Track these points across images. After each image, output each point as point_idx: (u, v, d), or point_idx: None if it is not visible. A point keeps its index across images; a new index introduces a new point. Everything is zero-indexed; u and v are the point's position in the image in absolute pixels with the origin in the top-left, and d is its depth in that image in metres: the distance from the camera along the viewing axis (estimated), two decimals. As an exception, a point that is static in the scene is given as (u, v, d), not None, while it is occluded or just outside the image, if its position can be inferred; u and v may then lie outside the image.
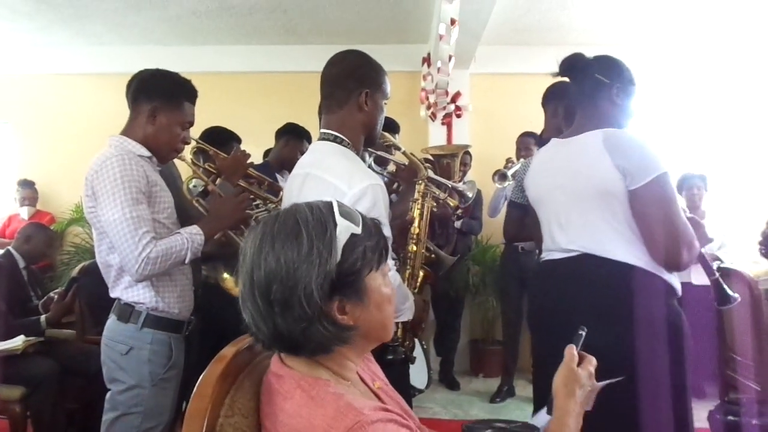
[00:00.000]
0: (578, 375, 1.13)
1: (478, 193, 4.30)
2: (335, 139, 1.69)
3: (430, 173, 2.72)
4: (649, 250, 1.67)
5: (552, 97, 2.54)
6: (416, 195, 2.13)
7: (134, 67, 1.96)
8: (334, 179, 1.56)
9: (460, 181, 3.92)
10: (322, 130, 1.74)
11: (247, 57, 5.13)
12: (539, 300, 1.96)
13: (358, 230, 0.94)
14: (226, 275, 2.44)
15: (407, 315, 1.68)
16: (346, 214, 0.95)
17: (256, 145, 4.29)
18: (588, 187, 1.77)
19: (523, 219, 2.68)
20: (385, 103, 1.78)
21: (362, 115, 1.70)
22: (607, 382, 1.17)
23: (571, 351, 1.16)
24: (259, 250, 0.94)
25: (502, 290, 4.30)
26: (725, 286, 1.88)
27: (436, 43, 3.65)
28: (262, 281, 0.93)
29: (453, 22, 3.01)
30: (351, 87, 1.69)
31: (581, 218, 1.76)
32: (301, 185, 1.66)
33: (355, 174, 1.56)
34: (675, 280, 1.73)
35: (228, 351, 1.06)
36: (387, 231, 1.52)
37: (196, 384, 0.98)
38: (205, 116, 3.08)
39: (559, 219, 1.87)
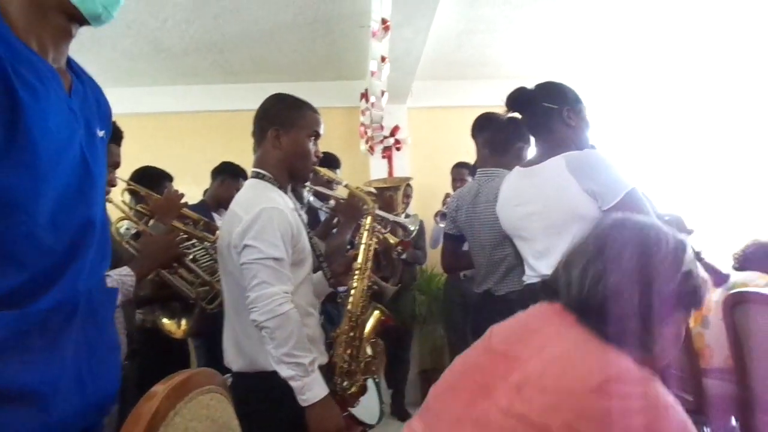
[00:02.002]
0: None
1: (421, 223, 4.37)
2: (257, 175, 1.81)
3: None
4: None
5: (478, 129, 2.64)
6: (362, 230, 2.16)
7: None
8: (238, 208, 1.71)
9: (403, 213, 4.00)
10: (252, 168, 1.84)
11: (184, 97, 5.09)
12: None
13: None
14: (165, 320, 2.39)
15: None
16: None
17: (196, 185, 4.26)
18: (561, 214, 1.80)
19: (457, 250, 2.75)
20: (312, 138, 1.83)
21: (277, 151, 1.80)
22: None
23: None
24: None
25: (447, 319, 4.34)
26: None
27: (371, 79, 3.74)
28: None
29: (383, 59, 3.10)
30: (264, 127, 1.81)
31: (559, 245, 1.72)
32: (224, 219, 1.82)
33: (253, 201, 1.69)
34: None
35: (159, 388, 1.05)
36: (277, 252, 1.62)
37: (124, 423, 0.97)
38: (142, 157, 3.06)
39: (536, 247, 1.91)
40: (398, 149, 5.15)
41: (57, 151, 0.96)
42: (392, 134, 5.09)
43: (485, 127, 2.60)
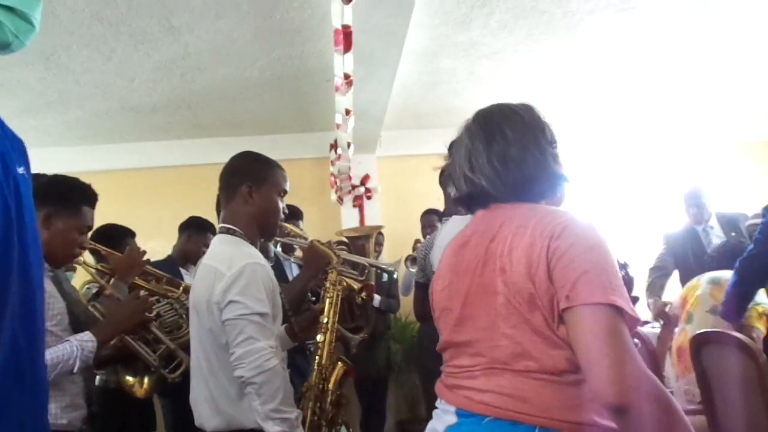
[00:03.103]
0: None
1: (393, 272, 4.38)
2: (228, 231, 1.80)
3: (345, 254, 2.77)
4: None
5: (444, 177, 2.69)
6: (327, 284, 2.16)
7: (33, 170, 1.93)
8: (218, 264, 1.69)
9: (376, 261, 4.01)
10: (219, 224, 1.84)
11: (153, 152, 5.12)
12: None
13: None
14: (129, 378, 2.34)
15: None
16: None
17: (166, 240, 4.23)
18: None
19: (427, 298, 2.75)
20: (281, 195, 1.86)
21: (249, 207, 1.81)
22: None
23: None
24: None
25: (422, 367, 4.30)
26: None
27: (337, 131, 3.82)
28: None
29: (348, 112, 3.17)
30: (235, 182, 1.82)
31: None
32: (197, 274, 1.79)
33: (235, 257, 1.68)
34: None
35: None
36: (262, 308, 1.62)
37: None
38: (111, 214, 3.04)
39: None
40: (369, 198, 5.21)
41: None
42: (362, 183, 5.16)
43: (442, 176, 2.66)
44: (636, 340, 2.80)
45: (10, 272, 0.92)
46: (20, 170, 0.98)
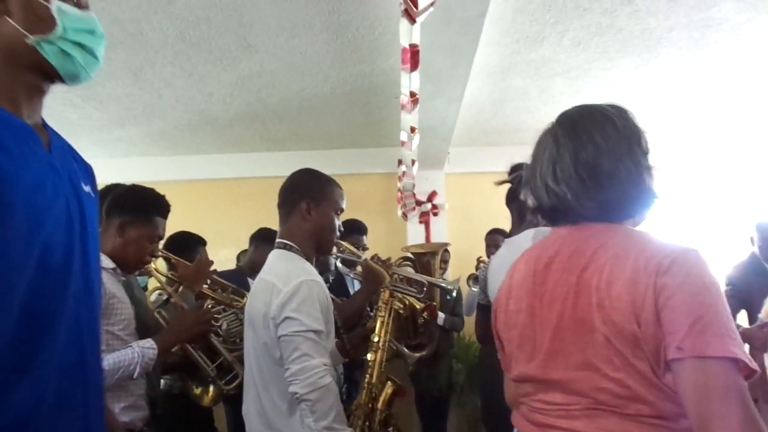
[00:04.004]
0: None
1: (458, 290, 4.32)
2: (284, 246, 1.83)
3: (403, 271, 2.76)
4: None
5: (510, 198, 2.64)
6: (379, 302, 2.17)
7: (118, 178, 2.07)
8: (275, 279, 1.71)
9: (440, 279, 3.99)
10: (276, 240, 1.85)
11: (228, 164, 5.32)
12: None
13: None
14: (194, 387, 2.41)
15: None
16: None
17: (237, 249, 4.39)
18: None
19: (489, 320, 2.69)
20: (338, 213, 1.88)
21: (307, 223, 1.84)
22: None
23: None
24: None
25: (483, 391, 4.21)
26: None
27: (401, 148, 3.84)
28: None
29: (413, 130, 3.17)
30: (294, 199, 1.85)
31: None
32: (254, 288, 1.81)
33: (292, 273, 1.70)
34: None
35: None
36: (318, 325, 1.63)
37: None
38: (185, 222, 3.19)
39: None
40: (435, 214, 5.18)
41: (38, 210, 0.92)
42: (429, 200, 5.14)
43: (515, 195, 2.61)
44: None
45: (70, 276, 0.99)
46: (86, 188, 1.08)
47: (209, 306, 2.17)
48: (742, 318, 3.61)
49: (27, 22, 0.96)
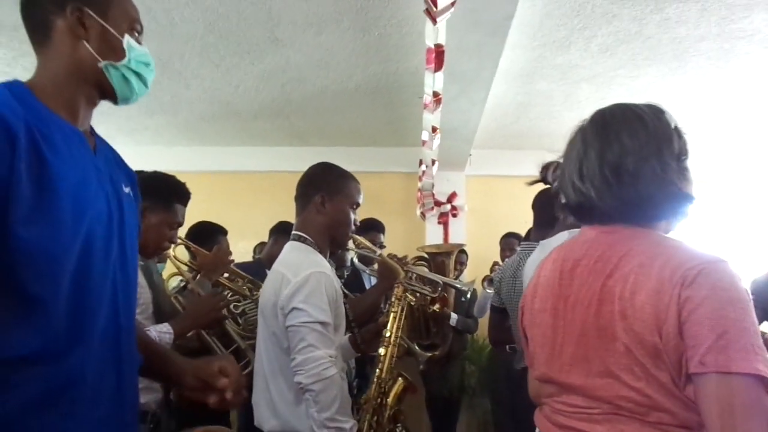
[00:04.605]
0: None
1: (474, 291, 4.32)
2: (299, 239, 1.85)
3: (418, 270, 2.77)
4: None
5: (534, 202, 2.64)
6: (393, 298, 2.18)
7: (144, 166, 2.10)
8: (285, 270, 1.74)
9: (455, 279, 3.99)
10: (292, 232, 1.87)
11: (251, 157, 5.38)
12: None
13: None
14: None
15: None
16: None
17: (257, 241, 4.43)
18: None
19: (502, 322, 2.70)
20: (354, 208, 1.89)
21: (321, 216, 1.86)
22: None
23: None
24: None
25: (492, 392, 4.20)
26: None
27: (422, 148, 3.85)
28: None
29: (434, 129, 3.18)
30: (309, 192, 1.88)
31: None
32: (267, 278, 1.85)
33: (302, 264, 1.73)
34: None
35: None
36: (325, 317, 1.65)
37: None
38: (209, 212, 3.24)
39: None
40: (454, 215, 5.19)
41: (82, 203, 1.06)
42: (449, 201, 5.14)
43: (536, 199, 2.61)
44: None
45: (109, 263, 1.13)
46: (126, 189, 1.24)
47: (226, 294, 2.20)
48: (765, 328, 3.55)
49: (101, 49, 1.14)
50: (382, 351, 1.94)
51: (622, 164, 1.07)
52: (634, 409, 0.99)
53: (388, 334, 1.97)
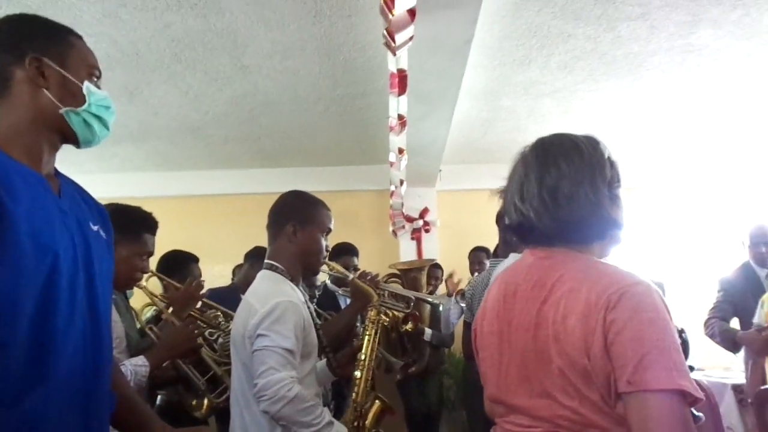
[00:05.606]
0: None
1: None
2: (271, 267, 1.87)
3: (389, 287, 2.81)
4: None
5: (499, 216, 2.71)
6: (366, 321, 2.22)
7: (114, 193, 2.11)
8: (254, 300, 1.76)
9: (429, 295, 4.04)
10: (264, 260, 1.90)
11: (222, 180, 5.37)
12: None
13: None
14: (189, 399, 2.43)
15: None
16: None
17: (232, 265, 4.43)
18: None
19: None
20: (325, 234, 1.93)
21: (293, 246, 1.88)
22: None
23: None
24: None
25: (467, 405, 4.24)
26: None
27: (390, 169, 3.91)
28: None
29: (401, 151, 3.25)
30: (281, 221, 1.90)
31: None
32: (238, 309, 1.87)
33: (270, 294, 1.75)
34: None
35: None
36: (288, 344, 1.67)
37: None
38: (182, 238, 3.24)
39: None
40: (427, 231, 5.25)
41: (44, 246, 1.07)
42: (421, 216, 5.20)
43: (500, 216, 2.68)
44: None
45: (75, 303, 1.14)
46: (94, 228, 1.25)
47: (199, 323, 2.21)
48: (735, 324, 3.68)
49: (61, 96, 1.17)
50: (357, 374, 1.97)
51: (559, 188, 1.15)
52: (570, 427, 1.05)
53: (363, 357, 2.00)
